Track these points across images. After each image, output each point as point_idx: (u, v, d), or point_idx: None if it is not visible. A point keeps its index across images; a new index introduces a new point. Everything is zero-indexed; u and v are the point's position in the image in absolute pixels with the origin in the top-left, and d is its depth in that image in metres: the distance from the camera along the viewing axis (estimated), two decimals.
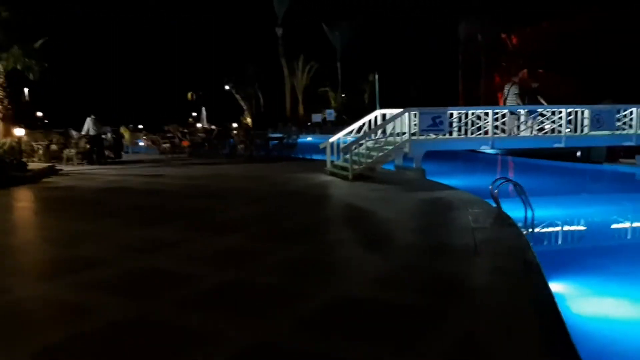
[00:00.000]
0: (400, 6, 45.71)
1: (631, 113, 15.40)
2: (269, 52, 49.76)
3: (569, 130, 14.78)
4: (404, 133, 14.02)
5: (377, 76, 25.65)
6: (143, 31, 49.06)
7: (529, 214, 8.67)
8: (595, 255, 8.18)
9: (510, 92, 17.71)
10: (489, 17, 39.49)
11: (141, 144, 26.06)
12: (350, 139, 15.23)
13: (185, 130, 23.36)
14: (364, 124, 15.34)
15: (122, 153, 21.04)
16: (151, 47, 49.76)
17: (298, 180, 13.60)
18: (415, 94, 48.59)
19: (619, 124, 15.24)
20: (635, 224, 11.19)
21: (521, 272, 5.77)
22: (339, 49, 48.56)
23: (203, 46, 49.38)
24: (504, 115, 14.74)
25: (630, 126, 15.50)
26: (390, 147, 13.74)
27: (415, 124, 13.96)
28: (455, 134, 14.48)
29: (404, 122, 13.85)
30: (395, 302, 4.80)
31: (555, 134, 14.78)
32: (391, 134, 13.85)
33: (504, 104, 17.69)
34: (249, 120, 52.23)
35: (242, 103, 53.06)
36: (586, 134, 14.90)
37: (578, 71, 34.36)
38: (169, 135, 22.26)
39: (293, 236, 7.48)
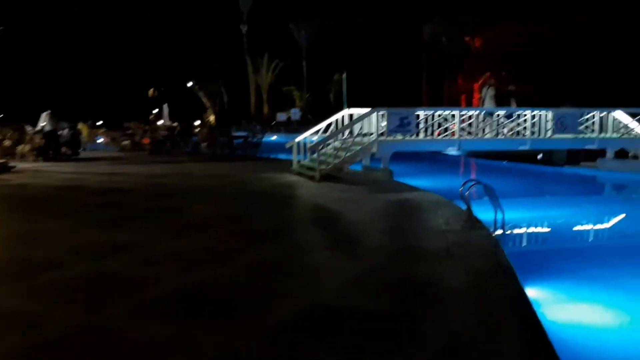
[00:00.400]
0: (365, 7, 45.85)
1: (594, 117, 15.65)
2: (233, 50, 49.15)
3: (533, 133, 14.89)
4: (372, 133, 13.88)
5: (344, 75, 25.22)
6: (102, 26, 47.76)
7: (499, 216, 8.61)
8: (564, 257, 8.15)
9: (488, 95, 17.76)
10: (453, 19, 39.95)
11: (100, 140, 25.24)
12: (317, 138, 14.99)
13: (147, 127, 22.70)
14: (331, 124, 15.12)
15: (80, 150, 20.26)
16: (111, 42, 48.42)
17: (264, 180, 13.28)
18: (379, 94, 48.75)
19: (581, 127, 15.45)
20: (600, 226, 11.30)
21: (496, 275, 5.64)
22: (304, 48, 48.31)
23: (165, 42, 48.36)
24: (470, 117, 14.77)
25: (593, 130, 15.74)
26: (358, 148, 13.55)
27: (382, 125, 13.82)
28: (422, 135, 14.41)
29: (371, 122, 13.69)
30: (369, 308, 4.56)
31: (521, 136, 14.87)
32: (359, 134, 13.66)
33: (482, 105, 17.67)
34: (212, 118, 51.33)
35: (205, 100, 52.23)
36: (550, 136, 15.04)
37: (538, 74, 35.06)
38: (129, 132, 21.58)
39: (259, 239, 7.18)
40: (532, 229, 10.72)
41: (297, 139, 14.78)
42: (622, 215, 12.19)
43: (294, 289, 5.09)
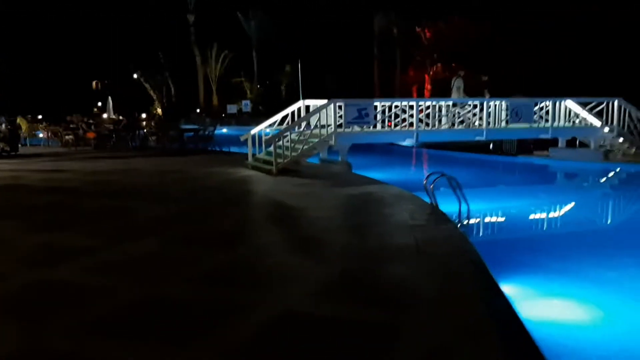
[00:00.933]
0: None
1: (547, 107, 15.81)
2: (180, 40, 47.75)
3: (489, 123, 14.90)
4: (329, 125, 13.54)
5: (299, 66, 24.74)
6: (40, 14, 45.43)
7: (464, 208, 8.43)
8: (527, 247, 8.05)
9: (455, 85, 17.70)
10: (403, 10, 40.02)
11: (41, 135, 23.89)
12: (273, 131, 14.53)
13: (91, 121, 21.61)
14: (287, 115, 14.67)
15: (19, 145, 19.04)
16: (50, 32, 46.11)
17: (218, 175, 12.73)
18: (331, 85, 48.50)
19: (535, 117, 15.59)
20: (556, 214, 11.38)
21: (469, 272, 5.40)
22: (254, 39, 47.47)
23: (109, 32, 46.43)
24: (428, 107, 14.62)
25: (546, 120, 15.91)
26: (316, 140, 13.19)
27: (340, 116, 13.51)
28: (379, 127, 14.18)
29: (329, 113, 13.34)
30: (341, 316, 4.21)
31: (477, 127, 14.85)
32: (316, 126, 13.29)
33: (451, 97, 17.62)
34: (159, 110, 50.03)
35: (151, 93, 50.74)
36: (506, 127, 15.10)
37: (488, 66, 35.57)
38: (72, 126, 20.45)
39: (216, 240, 6.71)
40: (493, 219, 10.66)
41: (252, 132, 14.28)
42: (575, 203, 12.37)
43: (261, 297, 4.68)
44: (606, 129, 16.41)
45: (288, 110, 14.70)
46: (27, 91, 45.24)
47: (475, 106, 14.94)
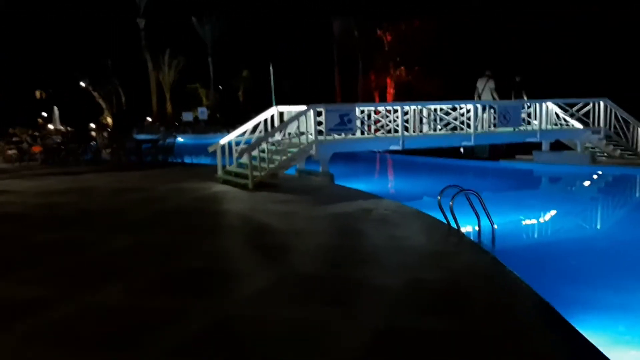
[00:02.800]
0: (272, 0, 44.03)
1: (530, 109, 15.01)
2: (130, 45, 45.49)
3: (477, 128, 13.93)
4: (304, 133, 12.27)
5: (271, 70, 23.35)
6: None
7: (483, 224, 7.29)
8: (577, 276, 6.91)
9: (487, 87, 16.60)
10: (363, 12, 39.14)
11: None
12: (244, 140, 13.11)
13: (36, 134, 19.57)
14: (259, 124, 13.27)
15: None
16: None
17: (185, 192, 11.22)
18: (289, 90, 47.23)
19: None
20: (587, 230, 10.32)
21: (542, 325, 4.22)
22: (209, 44, 45.68)
23: (53, 37, 43.70)
24: (406, 113, 13.51)
25: (529, 122, 15.10)
26: (295, 150, 11.87)
27: (319, 123, 12.24)
28: (359, 133, 13.01)
29: (309, 120, 12.06)
30: None
31: (465, 131, 13.85)
32: (295, 135, 11.97)
33: (480, 97, 16.50)
34: (109, 120, 47.54)
35: (100, 101, 48.15)
36: (493, 130, 14.19)
37: (448, 69, 35.03)
38: (15, 139, 18.41)
39: (193, 286, 5.26)
40: (522, 241, 9.34)
41: (222, 142, 12.81)
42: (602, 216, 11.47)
43: None
44: (592, 132, 15.74)
45: (260, 118, 13.30)
46: None
47: (455, 109, 13.95)
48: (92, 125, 37.28)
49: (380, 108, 13.07)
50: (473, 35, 32.90)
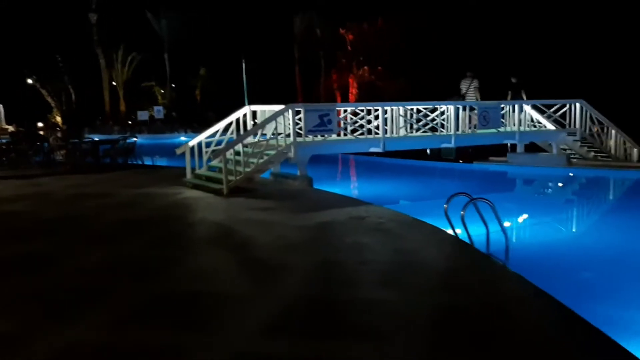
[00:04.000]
0: None
1: (514, 110, 14.71)
2: (81, 41, 43.41)
3: (457, 129, 13.49)
4: (280, 134, 11.52)
5: (243, 66, 22.38)
6: None
7: (492, 235, 6.73)
8: (608, 295, 6.40)
9: (471, 87, 16.06)
10: (325, 11, 38.57)
11: None
12: (215, 141, 12.25)
13: None
14: (230, 124, 12.43)
15: None
16: None
17: (153, 198, 10.29)
18: (250, 90, 46.19)
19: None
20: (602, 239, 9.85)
21: None
22: (166, 40, 44.11)
23: None
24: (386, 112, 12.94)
25: (513, 124, 14.81)
26: (272, 152, 11.09)
27: (296, 123, 11.53)
28: (340, 135, 12.37)
29: (286, 121, 11.33)
30: None
31: (445, 132, 13.38)
32: (273, 136, 11.20)
33: (464, 98, 15.97)
34: (58, 118, 45.38)
35: (49, 99, 45.90)
36: (473, 132, 13.79)
37: (414, 69, 34.81)
38: None
39: (184, 315, 4.46)
40: (533, 252, 8.73)
41: (191, 143, 11.90)
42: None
43: None
44: (568, 133, 15.60)
45: (232, 117, 12.45)
46: None
47: (435, 109, 13.47)
48: (40, 124, 35.37)
49: (361, 108, 12.42)
50: (440, 35, 32.80)
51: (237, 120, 12.51)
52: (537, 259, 7.42)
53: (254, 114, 12.73)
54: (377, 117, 12.53)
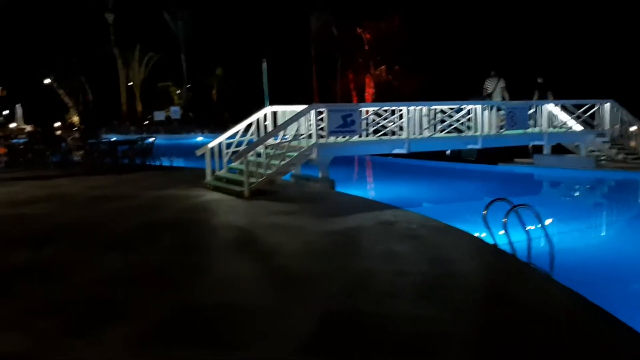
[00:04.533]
0: None
1: (541, 110, 14.25)
2: (98, 41, 43.47)
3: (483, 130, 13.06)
4: (302, 135, 11.21)
5: (264, 65, 22.12)
6: None
7: (534, 246, 6.34)
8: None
9: (498, 87, 15.62)
10: (342, 9, 38.15)
11: None
12: (235, 142, 11.97)
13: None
14: (251, 124, 12.14)
15: None
16: None
17: (173, 200, 10.03)
18: (268, 90, 45.90)
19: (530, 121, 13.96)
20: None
21: None
22: (182, 39, 44.01)
23: (16, 32, 41.41)
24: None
25: (540, 125, 14.35)
26: (295, 154, 10.78)
27: (318, 124, 11.20)
28: (363, 136, 12.01)
29: (309, 122, 11.02)
30: None
31: (471, 133, 12.97)
32: (295, 137, 10.88)
33: (490, 98, 15.53)
34: (75, 118, 45.52)
35: (66, 99, 46.09)
36: (502, 133, 13.35)
37: (429, 67, 34.29)
38: None
39: (217, 331, 4.17)
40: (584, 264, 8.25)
41: (211, 144, 11.63)
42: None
43: None
44: (597, 134, 15.10)
45: (252, 118, 12.16)
46: None
47: (461, 109, 13.07)
48: (57, 124, 35.42)
49: (385, 108, 12.07)
50: (459, 34, 32.27)
51: (258, 121, 12.21)
52: (580, 268, 7.00)
53: (275, 114, 12.41)
54: (400, 118, 12.19)
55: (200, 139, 38.59)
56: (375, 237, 7.02)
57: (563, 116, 15.34)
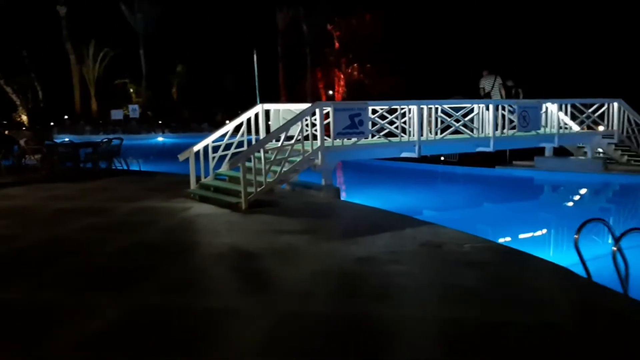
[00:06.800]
0: None
1: (550, 110, 13.26)
2: (49, 35, 40.75)
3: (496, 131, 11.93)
4: (296, 137, 9.78)
5: (255, 60, 20.44)
6: None
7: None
8: None
9: (496, 84, 14.39)
10: (312, 5, 36.82)
11: None
12: (223, 144, 10.46)
13: None
14: (241, 124, 10.64)
15: None
16: None
17: (157, 215, 8.44)
18: (229, 88, 44.19)
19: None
20: None
21: None
22: (141, 35, 41.74)
23: None
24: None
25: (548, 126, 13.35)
26: (297, 159, 9.36)
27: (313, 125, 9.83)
28: (371, 138, 10.70)
29: (307, 122, 9.63)
30: None
31: (483, 135, 11.82)
32: (298, 140, 9.44)
33: (490, 97, 14.28)
34: (24, 117, 42.57)
35: (13, 97, 43.03)
36: (513, 134, 12.27)
37: (402, 66, 33.33)
38: None
39: None
40: None
41: (196, 148, 10.06)
42: None
43: None
44: (603, 135, 14.26)
45: (243, 118, 10.65)
46: None
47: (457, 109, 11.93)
48: (4, 122, 32.72)
49: (395, 106, 10.76)
50: (434, 31, 31.40)
51: (249, 119, 10.72)
52: None
53: (267, 113, 10.94)
54: (402, 117, 10.94)
55: (160, 139, 36.53)
56: (428, 265, 5.65)
57: (562, 116, 14.43)
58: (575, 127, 14.60)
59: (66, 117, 42.49)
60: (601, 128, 14.27)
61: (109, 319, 4.27)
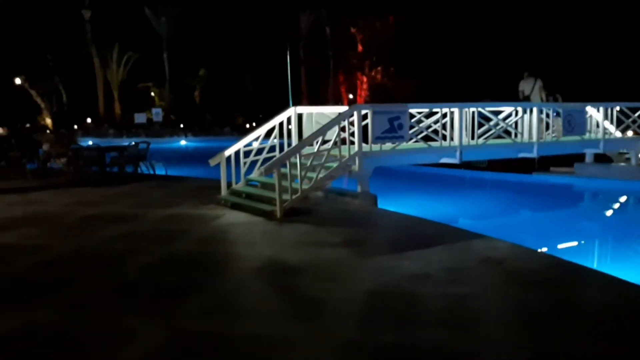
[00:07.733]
0: None
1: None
2: (74, 39, 40.91)
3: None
4: (334, 141, 9.28)
5: (288, 60, 20.10)
6: None
7: None
8: None
9: (536, 87, 13.78)
10: (335, 7, 36.37)
11: None
12: (255, 148, 10.02)
13: None
14: (273, 128, 10.19)
15: None
16: None
17: (188, 223, 8.02)
18: (250, 92, 43.99)
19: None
20: None
21: None
22: (165, 38, 41.69)
23: None
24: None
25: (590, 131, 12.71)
26: (334, 165, 8.88)
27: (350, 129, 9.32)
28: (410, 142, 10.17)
29: (343, 126, 9.14)
30: None
31: (527, 140, 11.22)
32: (335, 145, 8.94)
33: (530, 100, 13.68)
34: (48, 120, 42.82)
35: (38, 100, 43.33)
36: (557, 139, 11.65)
37: (425, 69, 32.73)
38: None
39: None
40: None
41: (227, 152, 9.64)
42: None
43: None
44: None
45: (275, 121, 10.20)
46: None
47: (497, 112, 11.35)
48: (27, 126, 32.82)
49: (436, 109, 10.22)
50: (458, 35, 30.76)
51: (281, 123, 10.27)
52: None
53: (299, 116, 10.48)
54: (441, 119, 10.39)
55: (183, 142, 36.40)
56: (494, 287, 5.10)
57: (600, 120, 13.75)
58: (617, 133, 13.91)
59: (89, 120, 42.62)
60: None
61: (145, 347, 3.82)
